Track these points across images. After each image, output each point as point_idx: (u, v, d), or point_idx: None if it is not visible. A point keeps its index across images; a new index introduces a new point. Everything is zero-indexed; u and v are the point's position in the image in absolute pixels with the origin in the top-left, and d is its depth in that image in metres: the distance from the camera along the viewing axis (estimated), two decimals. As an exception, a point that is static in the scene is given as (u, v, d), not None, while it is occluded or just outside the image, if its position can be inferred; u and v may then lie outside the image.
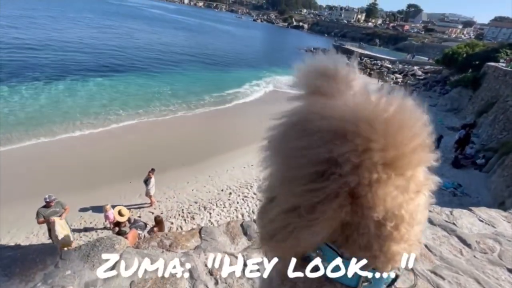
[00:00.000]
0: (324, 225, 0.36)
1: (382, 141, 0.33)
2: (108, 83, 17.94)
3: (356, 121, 0.33)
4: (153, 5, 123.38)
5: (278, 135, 0.41)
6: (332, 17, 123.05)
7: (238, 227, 1.36)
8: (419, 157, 0.35)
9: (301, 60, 0.44)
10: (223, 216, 7.93)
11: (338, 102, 0.37)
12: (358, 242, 0.39)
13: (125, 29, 40.91)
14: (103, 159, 10.02)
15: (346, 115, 0.35)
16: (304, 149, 0.36)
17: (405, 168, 0.35)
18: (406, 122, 0.35)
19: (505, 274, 1.17)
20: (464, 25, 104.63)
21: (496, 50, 22.15)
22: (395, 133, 0.34)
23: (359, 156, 0.33)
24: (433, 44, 66.57)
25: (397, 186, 0.34)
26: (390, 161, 0.33)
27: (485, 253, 1.28)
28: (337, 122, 0.34)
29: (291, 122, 0.40)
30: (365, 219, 0.36)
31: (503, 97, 14.93)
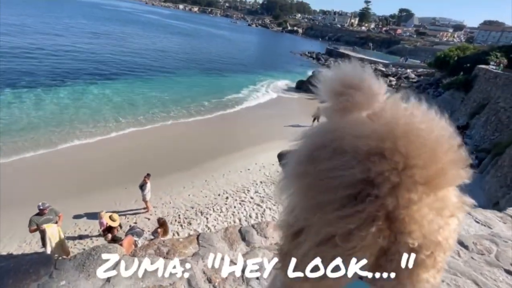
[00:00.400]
0: (363, 253, 0.33)
1: (423, 157, 0.30)
2: (103, 89, 17.81)
3: (393, 137, 0.31)
4: (147, 10, 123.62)
5: (302, 157, 0.37)
6: (326, 21, 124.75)
7: (236, 232, 1.34)
8: (456, 173, 0.33)
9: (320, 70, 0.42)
10: (220, 221, 7.88)
11: (369, 118, 0.35)
12: (385, 268, 0.35)
13: (120, 35, 40.83)
14: (97, 164, 9.91)
15: (380, 131, 0.32)
16: (335, 170, 0.32)
17: (443, 186, 0.32)
18: (442, 136, 0.33)
19: (502, 275, 1.18)
20: (454, 29, 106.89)
21: (486, 53, 22.65)
22: (434, 148, 0.31)
23: (399, 174, 0.30)
24: (425, 47, 67.79)
25: (434, 208, 0.32)
26: (430, 178, 0.31)
27: (482, 255, 1.29)
28: (371, 140, 0.32)
29: (319, 142, 0.36)
30: (397, 244, 0.33)
31: (494, 98, 15.23)
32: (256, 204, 8.72)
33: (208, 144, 12.71)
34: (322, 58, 46.52)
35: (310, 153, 0.36)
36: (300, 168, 0.37)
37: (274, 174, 10.60)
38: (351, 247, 0.32)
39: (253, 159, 11.70)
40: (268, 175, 10.54)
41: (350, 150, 0.32)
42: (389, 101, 0.37)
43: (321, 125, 0.38)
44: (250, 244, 1.24)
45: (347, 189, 0.32)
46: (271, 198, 9.12)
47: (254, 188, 9.59)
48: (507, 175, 9.26)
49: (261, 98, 21.34)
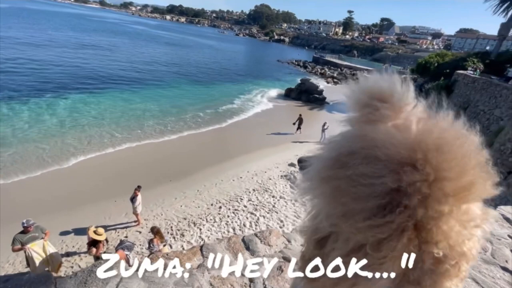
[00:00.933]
0: (393, 263, 0.33)
1: (453, 170, 0.31)
2: (90, 101, 17.39)
3: (425, 149, 0.31)
4: (134, 21, 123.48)
5: (330, 161, 0.37)
6: (312, 30, 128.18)
7: (239, 242, 1.33)
8: (484, 187, 0.33)
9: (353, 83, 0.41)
10: (214, 231, 7.75)
11: (396, 128, 0.35)
12: (408, 275, 0.35)
13: (107, 46, 40.45)
14: (85, 177, 9.62)
15: (412, 142, 0.32)
16: (366, 178, 0.32)
17: (471, 199, 0.33)
18: (471, 150, 0.33)
19: (499, 273, 1.22)
20: (433, 37, 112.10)
21: (464, 59, 23.78)
22: (463, 162, 0.32)
23: (429, 186, 0.31)
24: (406, 54, 70.56)
25: (461, 220, 0.32)
26: (460, 191, 0.31)
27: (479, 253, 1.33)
28: (403, 150, 0.32)
29: (350, 147, 0.36)
30: (421, 253, 0.33)
31: (474, 102, 15.95)
32: (249, 213, 8.65)
33: (199, 153, 12.61)
34: (309, 66, 47.50)
35: (338, 158, 0.36)
36: (326, 172, 0.37)
37: (266, 182, 10.59)
38: (381, 257, 0.33)
39: (245, 167, 11.67)
40: (261, 183, 10.52)
41: (382, 159, 0.32)
42: (417, 111, 0.37)
43: (348, 132, 0.39)
44: (255, 253, 1.23)
45: (378, 198, 0.32)
46: (264, 206, 9.08)
47: (247, 197, 9.54)
48: (490, 175, 9.62)
49: (256, 108, 21.26)
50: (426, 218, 0.31)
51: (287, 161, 12.43)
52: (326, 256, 0.37)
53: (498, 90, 13.80)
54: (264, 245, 1.31)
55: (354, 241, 0.34)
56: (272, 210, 8.87)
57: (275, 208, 8.97)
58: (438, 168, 0.31)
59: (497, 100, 13.60)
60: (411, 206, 0.31)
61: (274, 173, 11.38)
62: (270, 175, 11.14)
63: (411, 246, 0.32)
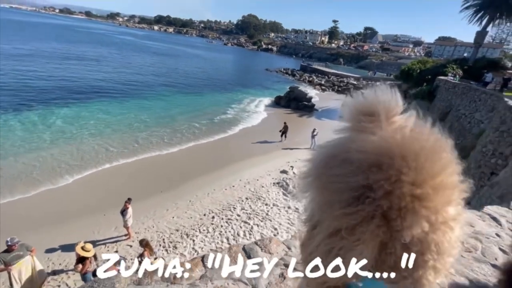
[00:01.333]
0: (366, 245, 0.39)
1: (412, 175, 0.37)
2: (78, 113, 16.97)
3: (392, 156, 0.38)
4: (121, 31, 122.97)
5: (320, 162, 0.45)
6: (299, 39, 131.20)
7: (240, 251, 1.33)
8: (447, 194, 0.39)
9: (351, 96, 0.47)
10: (207, 242, 7.63)
11: (377, 138, 0.41)
12: (387, 262, 0.42)
13: (93, 56, 39.94)
14: (73, 191, 9.33)
15: (383, 149, 0.39)
16: (343, 176, 0.40)
17: (432, 201, 0.38)
18: (438, 160, 0.39)
19: (490, 270, 1.27)
20: (414, 44, 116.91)
21: (444, 65, 24.87)
22: (426, 170, 0.37)
23: (391, 184, 0.37)
24: (390, 61, 73.05)
25: (423, 216, 0.38)
26: (418, 194, 0.37)
27: (469, 252, 1.39)
28: (374, 155, 0.39)
29: (333, 152, 0.44)
30: (393, 240, 0.40)
31: (455, 106, 16.61)
32: (243, 222, 8.58)
33: (190, 163, 12.49)
34: (297, 74, 48.37)
35: (325, 160, 0.44)
36: (316, 171, 0.45)
37: (259, 190, 10.57)
38: (355, 239, 0.39)
39: (237, 175, 11.62)
40: (253, 191, 10.49)
41: (355, 162, 0.40)
42: (401, 123, 0.43)
43: (338, 139, 0.46)
44: (256, 262, 1.25)
45: (352, 191, 0.39)
46: (258, 214, 9.03)
47: (240, 205, 9.47)
48: (474, 177, 9.95)
49: (252, 118, 21.04)
50: (391, 209, 0.38)
51: (279, 168, 12.48)
52: (313, 239, 0.45)
53: (477, 95, 14.45)
54: (265, 253, 1.32)
55: (333, 227, 0.41)
56: (265, 218, 8.83)
57: (268, 216, 8.93)
58: (399, 172, 0.37)
59: (476, 104, 14.23)
60: (377, 198, 0.38)
61: (266, 180, 11.38)
62: (263, 183, 11.13)
63: (380, 231, 0.39)
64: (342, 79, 44.79)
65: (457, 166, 0.41)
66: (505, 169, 8.27)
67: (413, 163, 0.38)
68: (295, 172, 12.18)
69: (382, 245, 0.41)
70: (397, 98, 0.45)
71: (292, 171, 12.23)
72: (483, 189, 8.77)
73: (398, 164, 0.38)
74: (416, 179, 0.37)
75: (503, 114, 9.59)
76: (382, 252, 0.41)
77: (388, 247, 0.40)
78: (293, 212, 9.26)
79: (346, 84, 40.58)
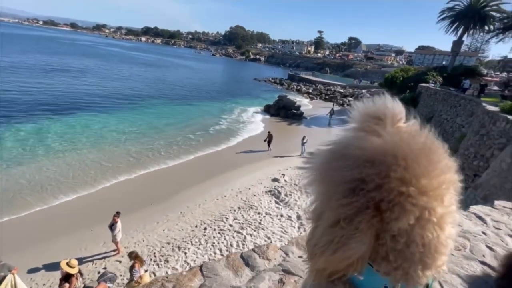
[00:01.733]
0: (364, 234, 0.43)
1: (400, 173, 0.41)
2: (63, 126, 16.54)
3: (385, 154, 0.42)
4: (108, 43, 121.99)
5: (321, 157, 0.49)
6: (285, 49, 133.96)
7: (238, 259, 1.32)
8: (433, 194, 0.42)
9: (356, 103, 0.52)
10: (200, 254, 7.47)
11: (375, 137, 0.45)
12: (380, 252, 0.45)
13: (78, 68, 39.28)
14: (58, 206, 8.97)
15: (379, 148, 0.43)
16: (341, 169, 0.44)
17: (418, 199, 0.41)
18: (425, 162, 0.42)
19: (479, 267, 1.33)
20: (396, 53, 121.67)
21: (425, 73, 26.00)
22: (412, 170, 0.41)
23: (381, 179, 0.41)
24: (374, 70, 75.58)
25: (409, 211, 0.41)
26: (404, 190, 0.41)
27: (459, 250, 1.45)
28: (369, 152, 0.43)
29: (334, 148, 0.49)
30: (384, 231, 0.43)
31: (438, 111, 17.30)
32: (236, 232, 8.47)
33: (180, 173, 12.32)
34: (285, 83, 49.21)
35: (326, 154, 0.49)
36: (317, 165, 0.49)
37: (251, 199, 10.52)
38: (353, 229, 0.43)
39: (229, 185, 11.54)
40: (245, 200, 10.42)
41: (353, 157, 0.44)
42: (402, 127, 0.48)
43: (342, 136, 0.50)
44: (255, 269, 1.23)
45: (347, 184, 0.43)
46: (250, 223, 8.95)
47: (232, 215, 9.37)
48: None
49: (248, 128, 20.80)
50: (382, 202, 0.42)
51: (270, 177, 12.49)
52: (316, 231, 0.49)
53: (457, 100, 15.12)
54: (263, 259, 1.32)
55: (332, 218, 0.45)
56: (258, 227, 8.76)
57: (261, 225, 8.87)
58: (389, 168, 0.41)
59: (457, 109, 14.87)
60: (369, 190, 0.42)
61: (258, 189, 11.34)
62: (255, 192, 11.09)
63: (374, 221, 0.42)
64: (329, 87, 45.85)
65: (450, 169, 0.45)
66: (486, 171, 8.60)
67: (402, 162, 0.41)
68: (287, 180, 12.22)
69: (375, 236, 0.44)
70: (401, 106, 0.50)
71: (283, 179, 12.26)
72: (468, 191, 9.07)
73: (389, 162, 0.42)
74: (404, 177, 0.41)
75: (482, 118, 10.06)
76: (375, 243, 0.45)
77: (380, 238, 0.44)
78: (286, 220, 9.24)
79: (333, 92, 41.53)
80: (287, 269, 1.12)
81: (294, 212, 9.72)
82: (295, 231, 8.69)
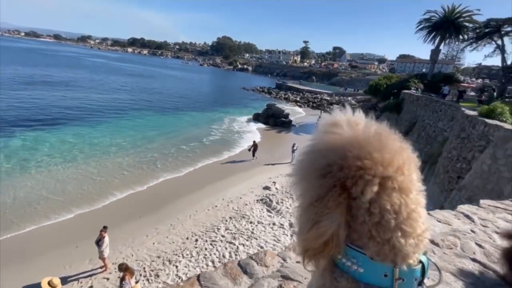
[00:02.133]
0: (333, 211, 0.49)
1: (355, 152, 0.50)
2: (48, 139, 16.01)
3: (343, 141, 0.52)
4: (93, 54, 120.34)
5: (302, 152, 0.59)
6: (272, 59, 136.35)
7: (236, 267, 1.30)
8: (388, 166, 0.49)
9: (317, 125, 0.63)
10: (192, 266, 7.28)
11: (335, 135, 0.54)
12: (365, 233, 0.50)
13: (61, 80, 38.34)
14: (40, 220, 8.55)
15: (338, 139, 0.53)
16: (313, 161, 0.53)
17: (374, 170, 0.48)
18: (375, 142, 0.51)
19: (471, 264, 1.37)
20: (379, 62, 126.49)
21: (407, 80, 27.08)
22: (365, 148, 0.50)
23: (341, 159, 0.50)
24: (359, 78, 77.91)
25: (370, 181, 0.48)
26: (360, 164, 0.49)
27: (451, 249, 1.48)
28: (332, 143, 0.53)
29: (308, 147, 0.58)
30: (358, 209, 0.50)
31: (421, 117, 17.94)
32: (228, 242, 8.33)
33: (169, 184, 12.08)
34: (274, 92, 49.89)
35: (304, 150, 0.58)
36: (300, 162, 0.58)
37: (243, 208, 10.42)
38: (323, 206, 0.50)
39: (220, 194, 11.41)
40: (237, 210, 10.31)
41: (319, 150, 0.54)
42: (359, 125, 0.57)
43: (313, 139, 0.59)
44: (253, 276, 1.21)
45: (318, 170, 0.52)
46: (242, 233, 8.84)
47: (224, 226, 9.22)
48: (444, 181, 10.62)
49: (244, 138, 20.65)
50: (347, 179, 0.49)
51: (261, 185, 12.46)
52: (297, 211, 0.57)
53: (438, 106, 15.77)
54: (261, 266, 1.30)
55: (308, 200, 0.53)
56: (251, 236, 8.66)
57: (254, 235, 8.77)
58: (346, 150, 0.50)
59: (438, 114, 15.48)
60: (334, 171, 0.50)
61: (249, 198, 11.27)
62: (246, 201, 11.00)
63: (341, 198, 0.49)
64: (316, 95, 46.80)
65: (402, 148, 0.53)
66: (469, 173, 8.92)
67: (356, 144, 0.50)
68: (278, 188, 12.21)
69: (352, 217, 0.50)
70: (358, 114, 0.59)
71: (274, 187, 12.25)
72: (453, 193, 9.35)
73: (346, 145, 0.51)
74: (359, 154, 0.49)
75: (462, 123, 10.51)
76: (357, 223, 0.50)
77: (358, 217, 0.50)
78: (278, 229, 9.18)
79: (320, 100, 42.39)
80: (286, 275, 1.11)
81: (287, 219, 9.68)
82: (288, 239, 8.64)
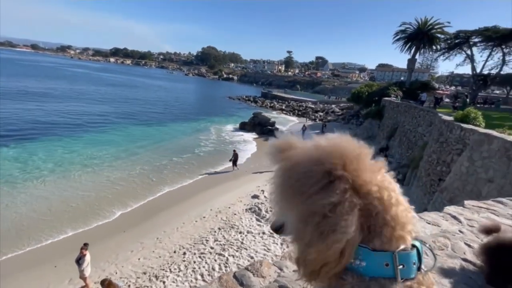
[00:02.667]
0: (349, 214, 0.48)
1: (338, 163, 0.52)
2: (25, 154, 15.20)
3: (319, 156, 0.53)
4: (74, 64, 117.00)
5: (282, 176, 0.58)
6: (257, 69, 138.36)
7: (231, 279, 1.24)
8: (364, 169, 0.53)
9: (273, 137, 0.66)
10: (180, 281, 7.00)
11: (300, 151, 0.58)
12: (367, 225, 0.51)
13: (38, 91, 36.82)
14: (13, 238, 7.98)
15: (316, 155, 0.54)
16: (305, 173, 0.52)
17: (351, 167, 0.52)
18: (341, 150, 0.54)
19: (463, 264, 1.40)
20: (360, 71, 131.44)
21: (387, 88, 28.29)
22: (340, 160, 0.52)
23: (330, 164, 0.52)
24: (341, 86, 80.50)
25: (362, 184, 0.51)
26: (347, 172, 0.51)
27: (442, 250, 1.51)
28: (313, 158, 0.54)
29: (286, 167, 0.58)
30: (364, 207, 0.50)
31: (401, 123, 18.66)
32: (217, 254, 8.12)
33: (155, 193, 11.72)
34: (259, 101, 50.33)
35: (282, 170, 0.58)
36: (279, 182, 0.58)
37: (231, 218, 10.24)
38: (340, 213, 0.48)
39: (208, 205, 11.19)
40: (226, 220, 10.12)
41: (312, 160, 0.54)
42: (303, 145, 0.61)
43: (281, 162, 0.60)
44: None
45: (319, 181, 0.51)
46: (232, 244, 8.65)
47: (213, 237, 9.00)
48: (426, 184, 10.99)
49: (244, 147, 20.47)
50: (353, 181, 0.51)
51: (250, 194, 12.35)
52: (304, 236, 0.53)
53: (417, 112, 16.49)
54: (257, 277, 1.26)
55: (318, 214, 0.50)
56: (241, 247, 8.49)
57: (244, 245, 8.60)
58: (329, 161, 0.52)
59: (417, 120, 16.17)
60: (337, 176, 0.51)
61: (238, 207, 11.11)
62: (235, 210, 10.84)
63: (348, 193, 0.49)
64: (301, 103, 47.66)
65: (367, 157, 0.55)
66: (449, 175, 9.30)
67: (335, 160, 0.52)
68: (267, 196, 12.15)
69: (366, 217, 0.50)
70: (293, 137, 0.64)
71: (263, 195, 12.18)
72: (435, 195, 9.68)
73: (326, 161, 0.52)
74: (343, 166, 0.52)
75: (439, 127, 11.01)
76: (361, 218, 0.50)
77: (363, 209, 0.50)
78: (268, 238, 9.07)
79: (305, 108, 43.17)
80: (284, 285, 1.08)
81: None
82: (278, 248, 8.54)
